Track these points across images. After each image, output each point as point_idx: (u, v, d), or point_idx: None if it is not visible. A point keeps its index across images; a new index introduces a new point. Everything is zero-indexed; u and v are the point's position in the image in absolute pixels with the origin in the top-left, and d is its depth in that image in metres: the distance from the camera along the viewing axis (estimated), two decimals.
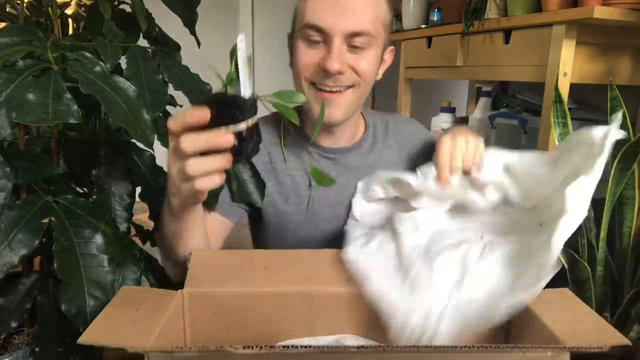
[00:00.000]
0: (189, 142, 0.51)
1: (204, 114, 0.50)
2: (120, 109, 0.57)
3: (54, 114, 0.51)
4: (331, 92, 0.80)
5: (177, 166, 0.54)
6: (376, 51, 0.82)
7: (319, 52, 0.79)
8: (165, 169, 0.74)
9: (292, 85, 0.99)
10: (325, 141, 0.92)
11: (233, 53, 0.51)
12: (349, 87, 0.81)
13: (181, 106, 0.80)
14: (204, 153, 0.52)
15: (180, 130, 0.52)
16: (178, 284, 0.66)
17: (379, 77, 0.90)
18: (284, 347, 0.45)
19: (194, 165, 0.52)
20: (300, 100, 0.55)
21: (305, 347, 0.45)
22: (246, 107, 0.51)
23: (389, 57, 0.91)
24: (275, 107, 0.55)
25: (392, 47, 0.91)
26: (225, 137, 0.50)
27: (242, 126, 0.51)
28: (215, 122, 0.51)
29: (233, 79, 0.51)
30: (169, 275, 0.81)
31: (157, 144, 0.78)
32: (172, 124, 0.53)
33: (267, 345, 0.45)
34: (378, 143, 0.97)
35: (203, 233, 0.72)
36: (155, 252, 0.88)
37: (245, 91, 0.51)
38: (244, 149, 0.53)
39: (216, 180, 0.54)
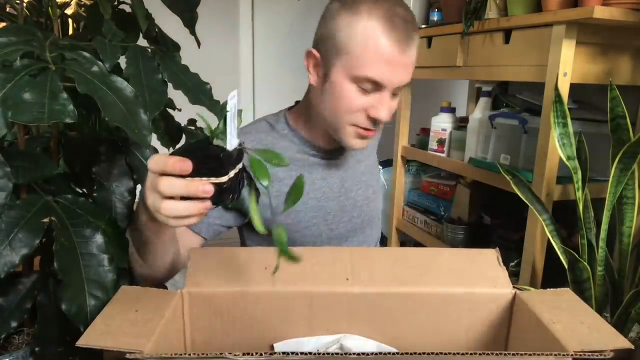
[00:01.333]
0: (167, 185, 0.51)
1: (185, 167, 0.50)
2: (117, 109, 0.57)
3: (49, 113, 0.51)
4: (369, 130, 0.85)
5: (151, 199, 0.54)
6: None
7: (368, 99, 0.82)
8: None
9: (291, 88, 0.99)
10: (327, 143, 0.94)
11: (223, 108, 0.51)
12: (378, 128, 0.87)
13: (180, 110, 0.80)
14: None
15: (159, 173, 0.52)
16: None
17: None
18: (283, 353, 0.45)
19: (168, 208, 0.52)
20: (283, 164, 0.54)
21: (306, 354, 0.45)
22: (230, 161, 0.52)
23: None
24: (251, 163, 0.53)
25: None
26: (204, 187, 0.50)
27: (224, 179, 0.51)
28: (198, 171, 0.51)
29: (221, 132, 0.52)
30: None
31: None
32: (153, 165, 0.52)
33: (266, 352, 0.45)
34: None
35: (172, 245, 0.72)
36: None
37: (232, 144, 0.52)
38: (224, 197, 0.53)
39: (191, 221, 0.54)
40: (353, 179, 0.99)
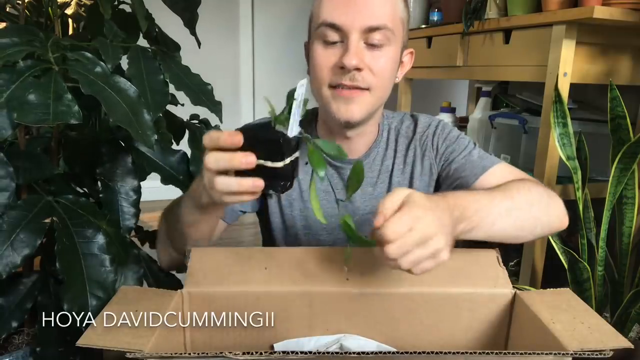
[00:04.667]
0: (212, 159, 0.53)
1: (236, 140, 0.52)
2: (120, 109, 0.57)
3: (54, 114, 0.51)
4: (350, 89, 0.77)
5: (206, 177, 0.56)
6: (395, 50, 0.79)
7: (336, 51, 0.76)
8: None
9: (291, 87, 0.98)
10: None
11: (291, 95, 0.52)
12: (365, 89, 0.77)
13: (182, 105, 0.80)
14: (240, 172, 0.54)
15: (212, 148, 0.54)
16: (176, 285, 0.66)
17: (398, 79, 0.86)
18: (283, 352, 0.45)
19: (221, 183, 0.54)
20: (342, 156, 0.56)
21: (305, 353, 0.45)
22: (289, 147, 0.53)
23: (408, 60, 0.88)
24: (309, 152, 0.54)
25: (411, 50, 0.87)
26: (246, 159, 0.52)
27: (280, 164, 0.53)
28: (256, 153, 0.52)
29: (284, 118, 0.53)
30: (163, 270, 0.82)
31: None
32: (207, 142, 0.54)
33: (266, 351, 0.45)
34: (389, 150, 0.92)
35: (214, 227, 0.74)
36: (155, 254, 0.88)
37: (292, 131, 0.53)
38: (277, 183, 0.54)
39: (244, 199, 0.56)
40: (362, 198, 0.91)
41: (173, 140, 0.81)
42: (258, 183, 0.53)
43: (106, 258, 0.60)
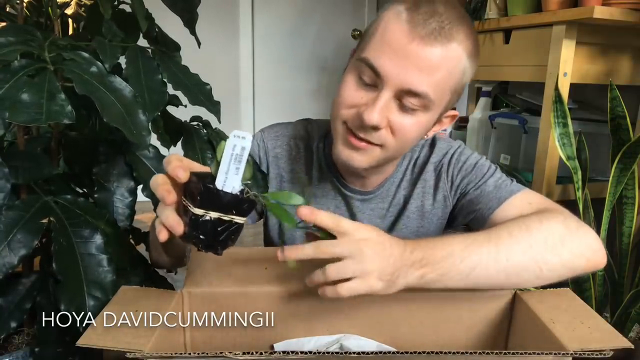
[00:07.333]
0: (155, 181, 0.50)
1: (180, 175, 0.48)
2: (115, 109, 0.57)
3: (47, 113, 0.51)
4: (360, 140, 0.71)
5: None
6: (430, 116, 0.70)
7: (365, 95, 0.68)
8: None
9: (291, 88, 0.98)
10: (354, 181, 0.84)
11: (223, 145, 0.48)
12: (377, 145, 0.71)
13: (185, 106, 0.80)
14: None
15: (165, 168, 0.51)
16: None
17: (428, 137, 0.80)
18: (283, 352, 0.45)
19: (159, 206, 0.51)
20: (298, 202, 0.51)
21: (305, 353, 0.45)
22: (214, 201, 0.47)
23: (448, 121, 0.78)
24: (272, 210, 0.50)
25: (455, 112, 0.78)
26: (163, 189, 0.48)
27: (197, 212, 0.47)
28: (185, 189, 0.49)
29: (215, 168, 0.48)
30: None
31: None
32: (164, 160, 0.51)
33: (266, 351, 0.45)
34: (404, 181, 0.86)
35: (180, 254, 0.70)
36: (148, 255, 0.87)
37: (225, 186, 0.48)
38: (193, 233, 0.49)
39: (160, 231, 0.50)
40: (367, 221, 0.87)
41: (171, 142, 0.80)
42: (177, 228, 0.49)
43: (104, 258, 0.60)
